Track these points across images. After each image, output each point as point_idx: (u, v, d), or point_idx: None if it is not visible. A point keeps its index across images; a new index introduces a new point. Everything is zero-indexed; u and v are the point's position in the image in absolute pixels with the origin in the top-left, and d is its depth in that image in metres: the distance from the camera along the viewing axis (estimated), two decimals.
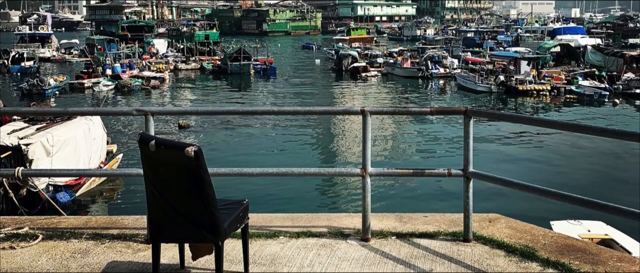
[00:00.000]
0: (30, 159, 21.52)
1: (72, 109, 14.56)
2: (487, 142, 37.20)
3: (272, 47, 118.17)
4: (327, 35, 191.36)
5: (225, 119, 43.68)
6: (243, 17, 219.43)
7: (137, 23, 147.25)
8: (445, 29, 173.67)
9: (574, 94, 57.40)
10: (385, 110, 8.16)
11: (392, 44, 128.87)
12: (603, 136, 6.69)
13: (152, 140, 5.59)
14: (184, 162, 5.40)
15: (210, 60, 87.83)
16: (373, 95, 63.84)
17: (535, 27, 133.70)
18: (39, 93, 59.03)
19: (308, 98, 61.83)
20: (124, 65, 72.65)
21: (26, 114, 23.31)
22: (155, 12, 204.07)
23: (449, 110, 8.77)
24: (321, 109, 8.99)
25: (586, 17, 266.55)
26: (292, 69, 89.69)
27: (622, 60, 64.94)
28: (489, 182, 7.51)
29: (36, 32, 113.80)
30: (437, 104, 58.45)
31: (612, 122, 46.89)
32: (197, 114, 36.92)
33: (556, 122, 7.97)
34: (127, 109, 8.01)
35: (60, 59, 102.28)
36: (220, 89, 69.11)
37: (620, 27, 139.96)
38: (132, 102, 58.61)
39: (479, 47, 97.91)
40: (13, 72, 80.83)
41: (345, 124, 44.83)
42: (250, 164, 30.91)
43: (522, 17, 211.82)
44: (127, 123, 42.86)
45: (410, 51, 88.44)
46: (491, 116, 7.60)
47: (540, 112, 52.58)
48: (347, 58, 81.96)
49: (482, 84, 60.93)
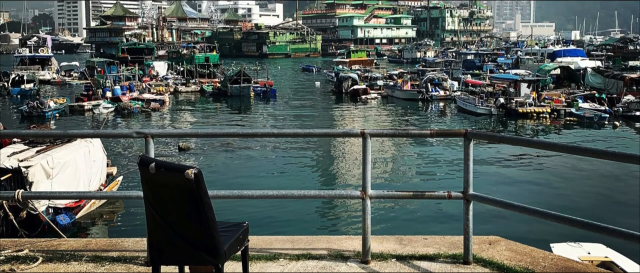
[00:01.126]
0: (30, 182, 21.49)
1: (72, 131, 14.58)
2: (487, 165, 37.16)
3: (272, 69, 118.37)
4: (327, 57, 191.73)
5: (225, 141, 43.70)
6: (243, 39, 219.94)
7: (137, 45, 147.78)
8: (445, 51, 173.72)
9: (574, 117, 57.40)
10: (385, 132, 8.10)
11: (392, 67, 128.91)
12: (603, 158, 6.70)
13: (152, 163, 5.59)
14: (184, 185, 5.40)
15: (210, 83, 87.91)
16: (373, 117, 63.84)
17: (535, 50, 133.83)
18: (39, 115, 59.02)
19: (308, 120, 61.86)
20: (124, 87, 72.70)
21: (26, 136, 23.35)
22: (156, 35, 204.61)
23: (449, 132, 8.71)
24: (321, 131, 8.99)
25: (586, 40, 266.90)
26: (292, 91, 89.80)
27: (622, 83, 64.96)
28: (489, 204, 7.52)
29: (36, 55, 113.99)
30: (437, 126, 58.54)
31: (612, 144, 46.88)
32: (197, 136, 36.97)
33: (556, 145, 8.00)
34: (127, 132, 7.99)
35: (60, 81, 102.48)
36: (220, 111, 69.15)
37: (620, 49, 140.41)
38: (132, 124, 58.63)
39: (479, 70, 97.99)
40: (13, 94, 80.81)
41: (345, 146, 44.82)
42: (250, 186, 30.92)
43: (522, 40, 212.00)
44: (127, 145, 42.85)
45: (410, 73, 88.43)
46: (491, 138, 7.61)
47: (540, 135, 52.58)
48: (347, 80, 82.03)
49: (482, 107, 60.95)
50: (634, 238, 5.99)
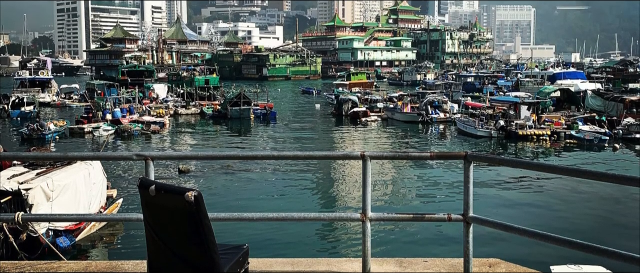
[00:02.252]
0: (30, 204, 21.48)
1: (72, 153, 14.58)
2: (487, 187, 37.13)
3: (272, 91, 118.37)
4: (327, 79, 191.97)
5: (225, 163, 43.69)
6: (243, 61, 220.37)
7: (137, 68, 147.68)
8: (445, 73, 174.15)
9: (574, 139, 57.39)
10: (385, 155, 8.13)
11: (392, 89, 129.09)
12: (603, 181, 6.71)
13: (152, 185, 5.60)
14: (184, 207, 5.40)
15: (210, 105, 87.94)
16: (373, 140, 63.83)
17: (535, 72, 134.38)
18: (39, 138, 59.06)
19: (308, 143, 61.84)
20: (124, 109, 72.74)
21: (26, 159, 23.34)
22: (155, 57, 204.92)
23: (449, 155, 8.75)
24: (321, 153, 9.04)
25: (586, 62, 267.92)
26: (292, 114, 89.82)
27: (622, 105, 64.96)
28: (489, 226, 7.52)
29: (36, 77, 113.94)
30: (437, 148, 58.51)
31: (612, 166, 46.86)
32: (197, 158, 36.93)
33: (556, 167, 8.00)
34: (127, 154, 7.99)
35: (60, 103, 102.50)
36: (220, 134, 69.14)
37: (620, 71, 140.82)
38: (132, 146, 58.64)
39: (479, 92, 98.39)
40: (13, 117, 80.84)
41: (345, 168, 44.80)
42: (250, 209, 30.91)
43: (522, 62, 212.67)
44: (127, 168, 42.82)
45: (410, 96, 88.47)
46: (491, 161, 7.61)
47: (540, 157, 52.55)
48: (347, 103, 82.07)
49: (482, 129, 60.98)
50: (633, 260, 5.98)
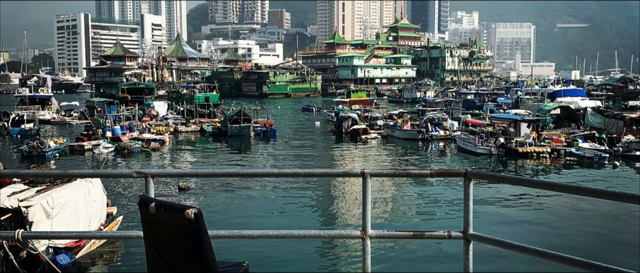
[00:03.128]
0: (30, 221, 21.47)
1: (72, 171, 14.57)
2: (487, 204, 37.11)
3: (272, 109, 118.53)
4: (327, 97, 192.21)
5: (225, 181, 43.68)
6: (243, 79, 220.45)
7: (137, 85, 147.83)
8: (445, 91, 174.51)
9: (574, 156, 57.41)
10: (385, 172, 8.11)
11: (392, 106, 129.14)
12: (603, 198, 6.70)
13: (152, 202, 5.60)
14: (184, 224, 5.40)
15: (210, 123, 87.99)
16: (373, 157, 63.81)
17: (535, 89, 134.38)
18: (39, 155, 59.06)
19: (308, 160, 61.83)
20: (124, 127, 72.85)
21: (26, 176, 23.35)
22: (155, 74, 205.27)
23: (449, 172, 8.72)
24: (321, 171, 8.98)
25: (586, 79, 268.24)
26: (292, 131, 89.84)
27: (622, 123, 65.02)
28: (489, 244, 7.51)
29: (36, 94, 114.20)
30: (437, 166, 58.50)
31: (612, 184, 46.86)
32: (197, 176, 36.96)
33: (556, 184, 7.99)
34: (127, 171, 7.98)
35: (60, 121, 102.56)
36: (220, 151, 69.14)
37: (620, 89, 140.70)
38: (132, 164, 58.63)
39: (479, 109, 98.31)
40: (13, 134, 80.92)
41: (345, 186, 44.78)
42: (250, 226, 30.90)
43: (522, 79, 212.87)
44: (127, 185, 42.81)
45: (410, 113, 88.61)
46: (491, 178, 7.61)
47: (540, 174, 52.51)
48: (347, 120, 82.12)
49: (482, 146, 61.00)
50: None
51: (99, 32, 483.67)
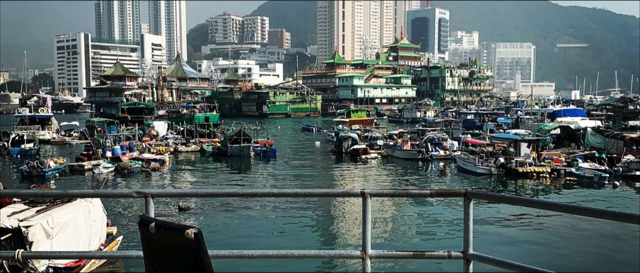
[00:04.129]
0: (30, 241, 21.44)
1: (72, 191, 14.53)
2: (487, 224, 37.09)
3: (272, 129, 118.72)
4: (327, 117, 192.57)
5: (225, 201, 43.66)
6: (243, 99, 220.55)
7: (137, 105, 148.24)
8: (445, 111, 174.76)
9: (574, 176, 57.40)
10: (385, 192, 8.11)
11: (392, 126, 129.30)
12: (603, 218, 6.69)
13: (152, 222, 5.60)
14: (184, 244, 5.40)
15: (210, 143, 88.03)
16: (373, 177, 63.74)
17: (535, 109, 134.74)
18: (39, 175, 59.10)
19: (308, 180, 61.81)
20: (124, 147, 72.85)
21: (26, 196, 23.36)
22: (155, 94, 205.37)
23: (449, 192, 8.73)
24: (321, 191, 8.95)
25: (586, 99, 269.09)
26: (292, 151, 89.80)
27: (622, 143, 65.05)
28: (489, 264, 7.50)
29: (36, 114, 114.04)
30: (437, 186, 58.37)
31: (612, 204, 46.80)
32: (197, 196, 36.90)
33: (556, 204, 7.98)
34: (127, 191, 7.97)
35: (60, 141, 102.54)
36: (220, 171, 69.09)
37: (620, 109, 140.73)
38: (132, 184, 58.57)
39: (479, 129, 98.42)
40: (13, 154, 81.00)
41: (345, 206, 44.75)
42: (250, 246, 30.92)
43: (522, 99, 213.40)
44: (127, 205, 42.80)
45: (410, 133, 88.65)
46: (491, 198, 7.58)
47: (540, 194, 52.48)
48: (347, 140, 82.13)
49: (482, 166, 61.00)
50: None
51: (99, 52, 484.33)
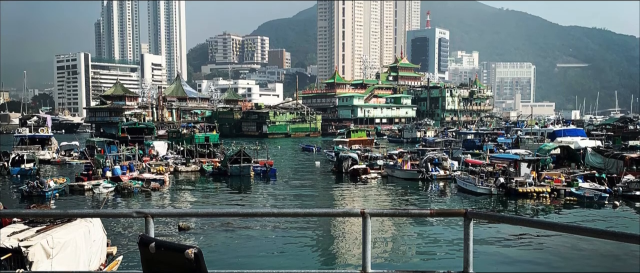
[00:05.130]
0: (30, 261, 21.40)
1: (72, 211, 14.50)
2: (487, 244, 37.07)
3: (272, 149, 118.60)
4: (327, 137, 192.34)
5: (225, 220, 43.63)
6: (243, 119, 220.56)
7: (137, 125, 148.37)
8: (445, 131, 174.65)
9: (574, 196, 57.37)
10: (385, 212, 8.10)
11: (392, 146, 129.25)
12: (603, 238, 6.69)
13: (152, 242, 5.61)
14: (184, 264, 5.40)
15: (210, 162, 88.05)
16: (373, 197, 63.70)
17: (535, 129, 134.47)
18: (39, 195, 59.06)
19: (308, 200, 61.77)
20: (124, 167, 72.93)
21: (26, 216, 23.32)
22: (155, 114, 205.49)
23: (449, 212, 8.71)
24: (321, 210, 8.96)
25: (586, 119, 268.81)
26: (292, 171, 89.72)
27: (622, 163, 65.01)
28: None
29: (36, 134, 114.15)
30: (437, 206, 58.35)
31: (612, 224, 46.78)
32: (197, 215, 36.91)
33: (556, 224, 7.98)
34: (127, 211, 7.99)
35: (60, 161, 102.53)
36: (220, 191, 69.02)
37: (620, 129, 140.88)
38: (132, 204, 58.56)
39: (479, 149, 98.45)
40: (13, 174, 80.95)
41: (345, 225, 44.71)
42: (250, 266, 30.89)
43: (522, 119, 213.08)
44: (127, 225, 42.77)
45: (410, 153, 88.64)
46: (491, 218, 7.59)
47: (540, 214, 52.39)
48: (347, 160, 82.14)
49: (482, 186, 60.97)
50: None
51: (99, 72, 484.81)
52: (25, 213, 19.26)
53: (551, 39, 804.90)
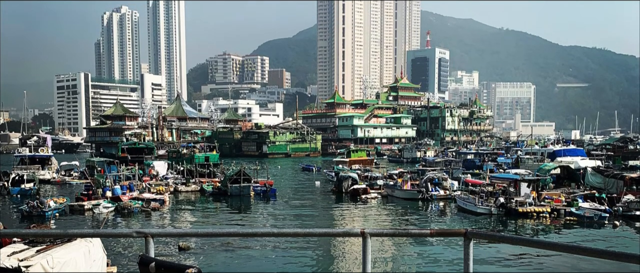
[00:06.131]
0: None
1: (72, 230, 14.51)
2: (487, 264, 37.02)
3: (272, 168, 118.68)
4: (327, 157, 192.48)
5: (225, 240, 43.59)
6: (243, 139, 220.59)
7: (137, 145, 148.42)
8: (445, 150, 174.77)
9: (574, 216, 57.33)
10: (385, 232, 8.10)
11: (392, 166, 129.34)
12: (603, 258, 6.70)
13: (152, 262, 5.62)
14: None
15: (210, 182, 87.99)
16: (373, 217, 63.61)
17: (535, 149, 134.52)
18: (39, 215, 59.05)
19: (308, 220, 61.69)
20: (124, 187, 72.87)
21: (26, 236, 23.32)
22: (156, 134, 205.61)
23: (449, 232, 8.71)
24: (321, 230, 8.95)
25: (586, 139, 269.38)
26: (292, 191, 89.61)
27: (622, 182, 65.03)
28: None
29: (36, 154, 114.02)
30: (437, 225, 58.21)
31: (612, 244, 46.72)
32: (197, 235, 36.88)
33: (556, 244, 7.98)
34: (127, 231, 7.96)
35: (60, 180, 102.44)
36: (220, 211, 68.92)
37: (620, 149, 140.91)
38: (132, 224, 58.47)
39: (479, 169, 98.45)
40: (13, 194, 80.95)
41: (345, 245, 44.66)
42: None
43: (522, 139, 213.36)
44: (127, 245, 42.74)
45: (410, 173, 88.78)
46: (491, 238, 7.59)
47: (540, 234, 52.37)
48: (347, 180, 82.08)
49: (482, 206, 60.95)
50: None
51: (99, 92, 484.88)
52: (25, 233, 19.25)
53: (551, 59, 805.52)
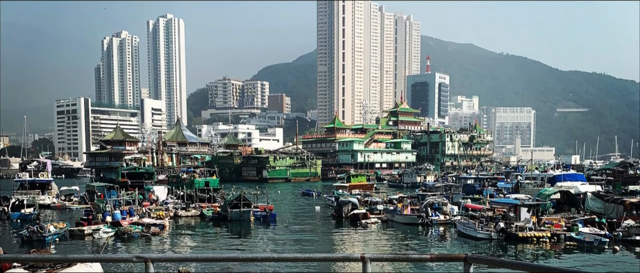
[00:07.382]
0: None
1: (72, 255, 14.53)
2: None
3: (272, 193, 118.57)
4: (327, 182, 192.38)
5: (225, 265, 43.48)
6: (243, 164, 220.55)
7: (137, 170, 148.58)
8: (445, 175, 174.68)
9: (574, 241, 57.35)
10: (385, 257, 8.13)
11: (392, 191, 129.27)
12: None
13: None
14: None
15: (210, 207, 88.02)
16: (373, 241, 63.59)
17: (535, 174, 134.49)
18: (39, 240, 59.07)
19: (308, 245, 61.65)
20: (124, 212, 72.89)
21: (26, 261, 23.38)
22: (155, 159, 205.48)
23: (449, 257, 8.74)
24: (321, 255, 8.99)
25: (586, 164, 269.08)
26: (292, 216, 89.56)
27: (622, 207, 65.04)
28: None
29: (36, 179, 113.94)
30: (437, 250, 58.17)
31: (612, 269, 46.70)
32: (197, 260, 36.81)
33: (556, 269, 8.00)
34: (127, 256, 8.01)
35: (60, 205, 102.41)
36: (220, 236, 68.92)
37: (620, 174, 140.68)
38: (132, 248, 58.43)
39: (479, 194, 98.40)
40: (13, 219, 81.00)
41: (345, 270, 44.61)
42: None
43: (522, 164, 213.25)
44: (127, 270, 42.68)
45: (410, 198, 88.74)
46: (491, 263, 7.62)
47: (540, 259, 52.33)
48: (347, 205, 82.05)
49: (482, 231, 60.94)
50: None
51: (99, 117, 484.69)
52: (25, 258, 19.28)
53: (551, 84, 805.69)
